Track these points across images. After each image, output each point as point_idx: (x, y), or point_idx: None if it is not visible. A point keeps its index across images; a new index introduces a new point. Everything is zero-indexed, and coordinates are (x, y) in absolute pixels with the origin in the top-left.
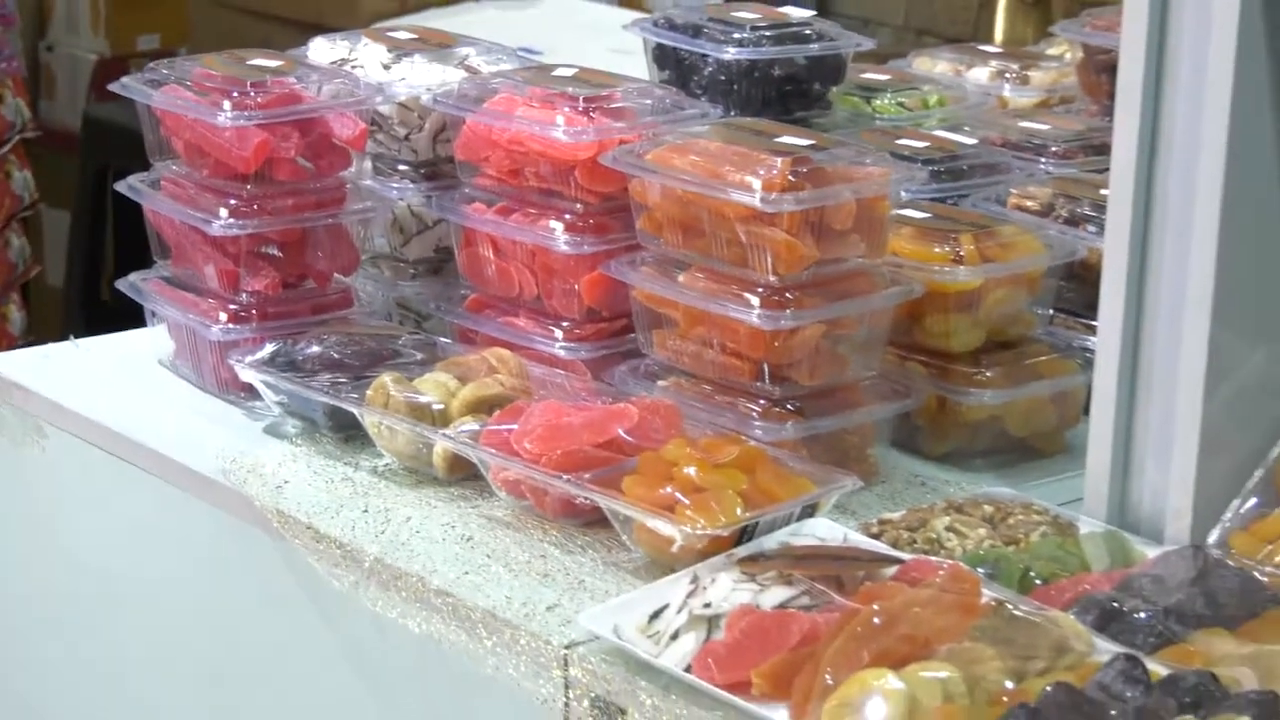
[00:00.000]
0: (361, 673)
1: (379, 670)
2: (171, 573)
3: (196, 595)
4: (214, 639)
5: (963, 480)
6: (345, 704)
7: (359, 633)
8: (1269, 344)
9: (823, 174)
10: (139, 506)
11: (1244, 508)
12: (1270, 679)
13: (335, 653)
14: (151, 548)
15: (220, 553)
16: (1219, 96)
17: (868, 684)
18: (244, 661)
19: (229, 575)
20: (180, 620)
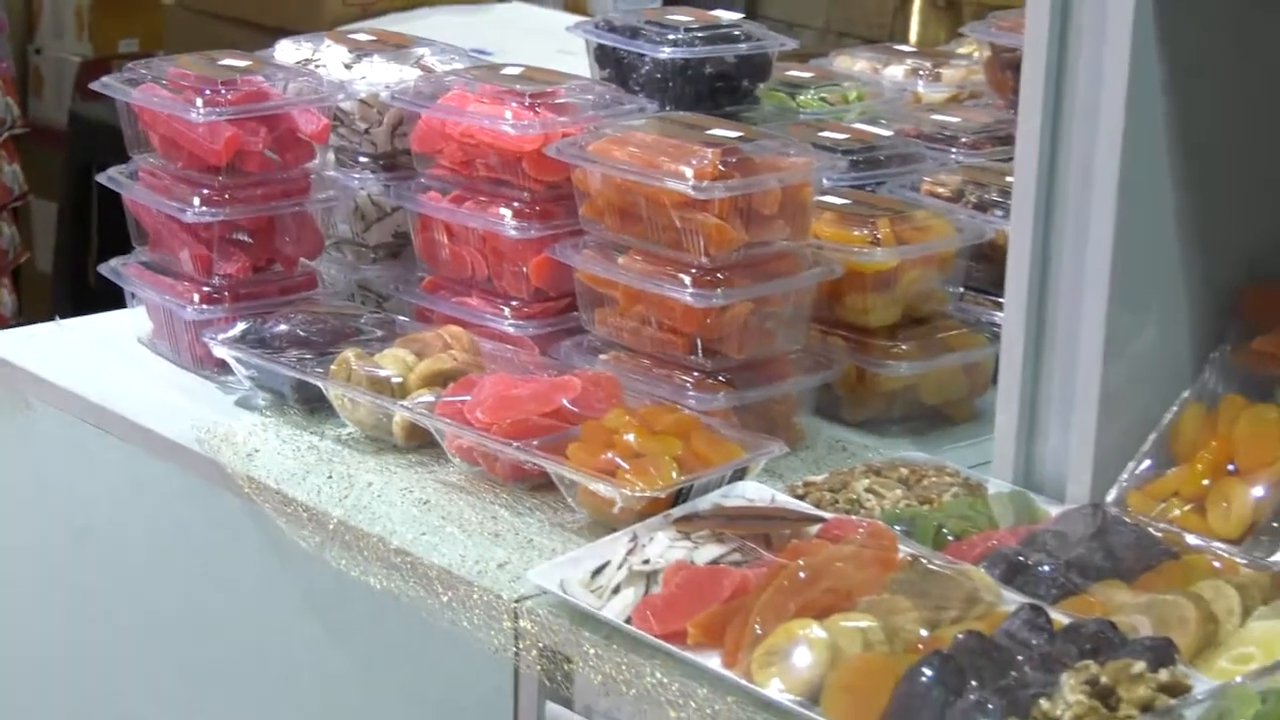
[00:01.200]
0: (327, 626)
1: (343, 624)
2: (149, 533)
3: (172, 554)
4: (188, 595)
5: (881, 445)
6: (312, 655)
7: (324, 589)
8: (1161, 319)
9: (750, 164)
10: (119, 473)
11: (1139, 469)
12: (1164, 626)
13: (302, 608)
14: (130, 511)
15: (195, 516)
16: (1115, 92)
17: (794, 633)
18: (216, 616)
19: (203, 537)
20: (157, 577)
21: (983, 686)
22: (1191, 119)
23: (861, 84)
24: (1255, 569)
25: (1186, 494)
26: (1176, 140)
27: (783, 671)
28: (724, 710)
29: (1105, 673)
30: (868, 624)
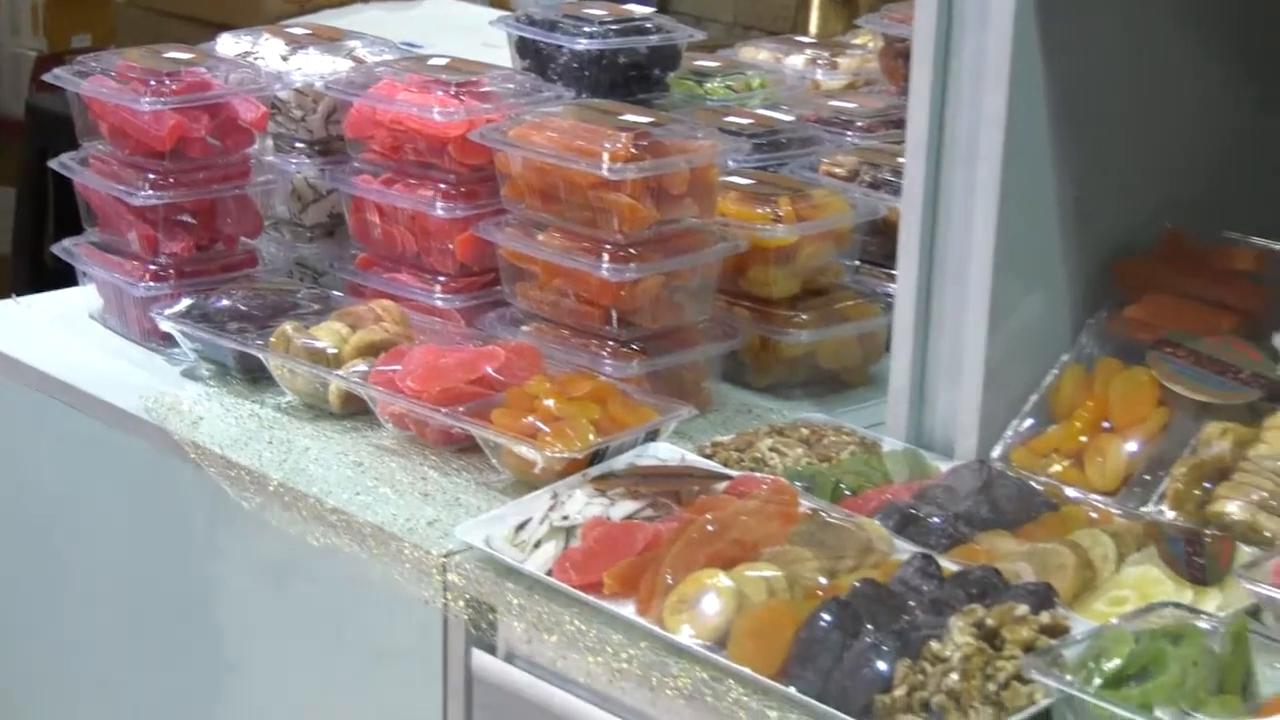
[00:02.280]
0: (268, 581)
1: (284, 579)
2: (101, 497)
3: (122, 516)
4: (137, 554)
5: (783, 408)
6: (254, 609)
7: (265, 547)
8: (1042, 289)
9: (661, 146)
10: (73, 440)
11: (1022, 427)
12: (1045, 572)
13: (245, 565)
14: (83, 476)
15: (144, 480)
16: (998, 77)
17: (703, 582)
18: (163, 574)
19: (151, 499)
20: (108, 538)
21: (878, 630)
22: (1071, 103)
23: (764, 73)
24: (1129, 518)
25: (1065, 450)
26: (1056, 122)
27: (692, 618)
28: (638, 655)
29: (991, 616)
30: (771, 573)
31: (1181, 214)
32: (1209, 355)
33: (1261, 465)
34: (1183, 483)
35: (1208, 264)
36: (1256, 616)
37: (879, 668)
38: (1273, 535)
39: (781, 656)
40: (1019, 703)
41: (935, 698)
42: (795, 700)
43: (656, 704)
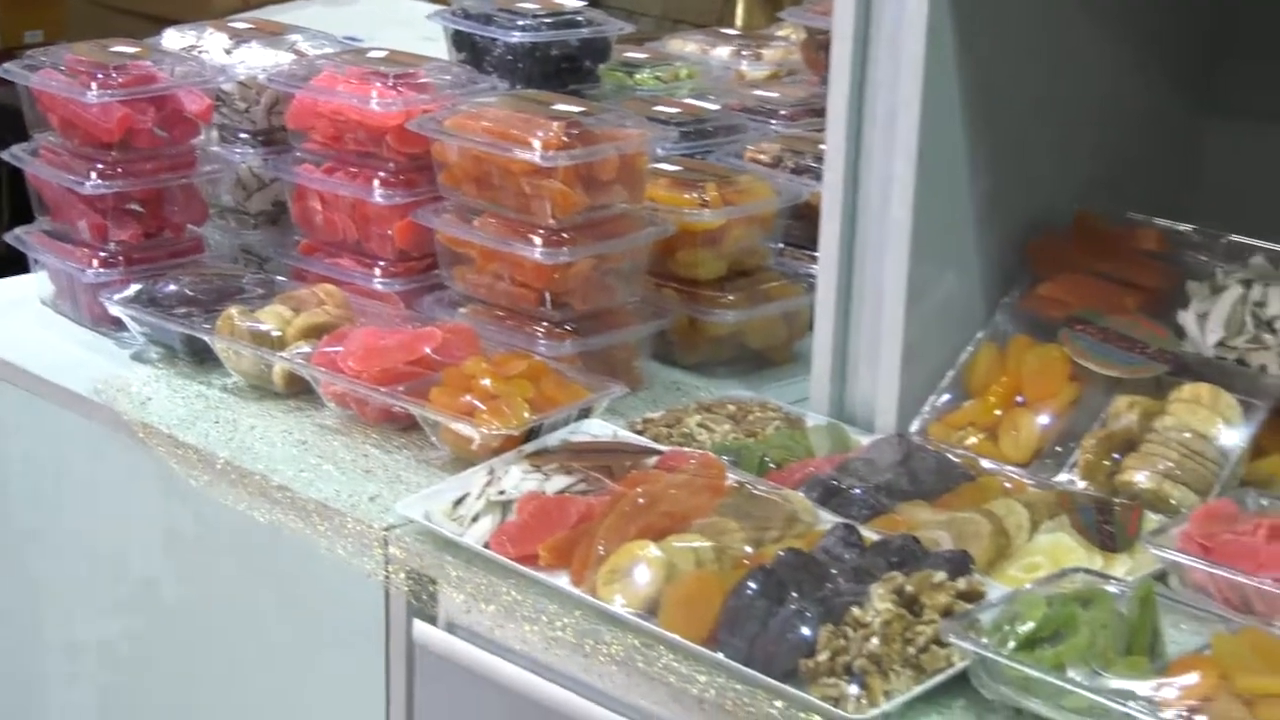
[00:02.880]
0: (216, 557)
1: (231, 554)
2: (53, 477)
3: (74, 496)
4: (88, 530)
5: (710, 385)
6: (203, 583)
7: (213, 523)
8: (957, 270)
9: (591, 135)
10: (26, 422)
11: (939, 402)
12: (962, 540)
13: (194, 540)
14: (36, 457)
15: (95, 459)
16: (913, 68)
17: (634, 553)
18: (114, 548)
19: (102, 478)
20: (61, 514)
21: (802, 597)
22: (985, 91)
23: (691, 64)
24: (1041, 488)
25: (981, 423)
26: (970, 110)
27: (624, 588)
28: (572, 623)
29: (910, 583)
30: (699, 544)
31: (1091, 197)
32: (1117, 332)
33: (1167, 437)
34: (1093, 454)
35: (1115, 245)
36: (1163, 581)
37: (803, 633)
38: (1178, 503)
39: (710, 624)
40: (937, 665)
41: (857, 661)
42: (723, 665)
43: (590, 670)
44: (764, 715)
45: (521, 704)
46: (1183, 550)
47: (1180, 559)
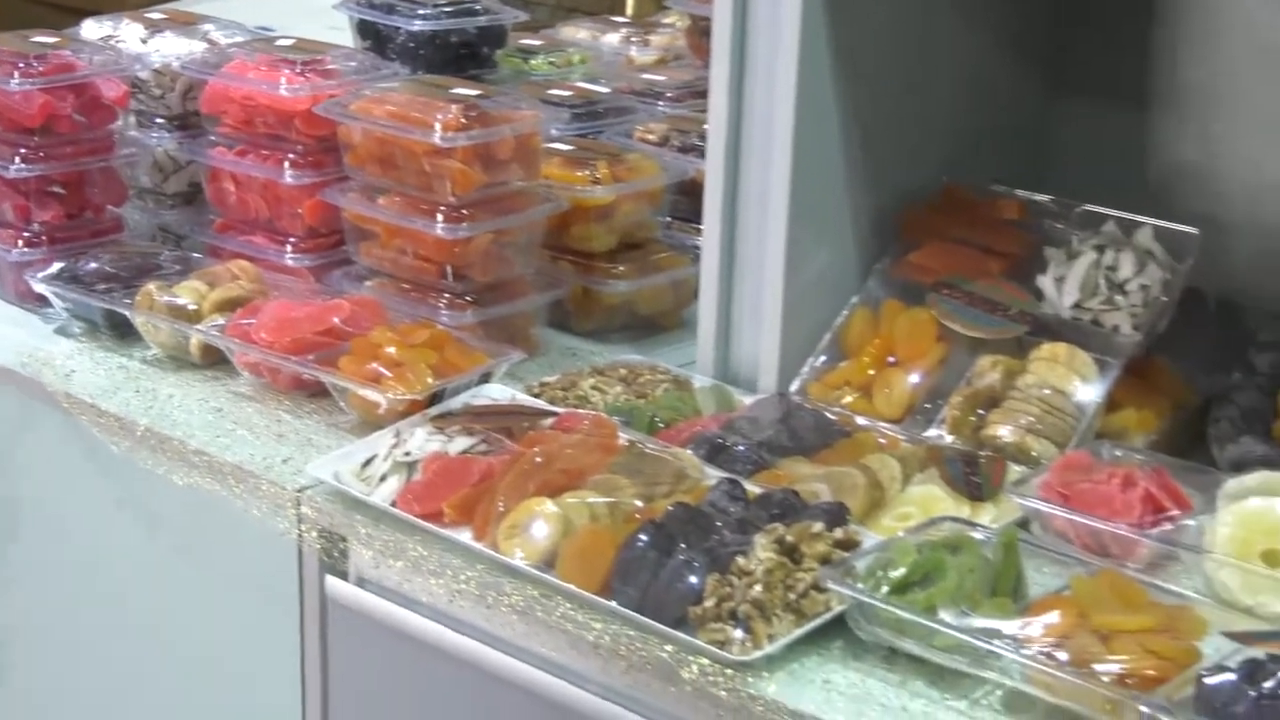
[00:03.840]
0: (138, 520)
1: (152, 517)
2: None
3: (3, 464)
4: (15, 497)
5: (604, 350)
6: (126, 546)
7: (135, 487)
8: (832, 239)
9: (488, 117)
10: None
11: (817, 363)
12: (839, 493)
13: (117, 504)
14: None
15: (22, 429)
16: (788, 52)
17: (532, 509)
18: (41, 514)
19: (29, 446)
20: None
21: (690, 548)
22: (856, 72)
23: (584, 50)
24: (913, 443)
25: (856, 383)
26: (842, 90)
27: (523, 542)
28: (475, 577)
29: (790, 533)
30: (594, 499)
31: (956, 170)
32: (981, 296)
33: (1028, 393)
34: (959, 410)
35: (979, 214)
36: (1025, 527)
37: (691, 582)
38: (1039, 455)
39: (604, 574)
40: (816, 609)
41: (742, 607)
42: (617, 613)
43: (492, 620)
44: (655, 659)
45: (428, 653)
46: (1043, 499)
47: (1041, 507)
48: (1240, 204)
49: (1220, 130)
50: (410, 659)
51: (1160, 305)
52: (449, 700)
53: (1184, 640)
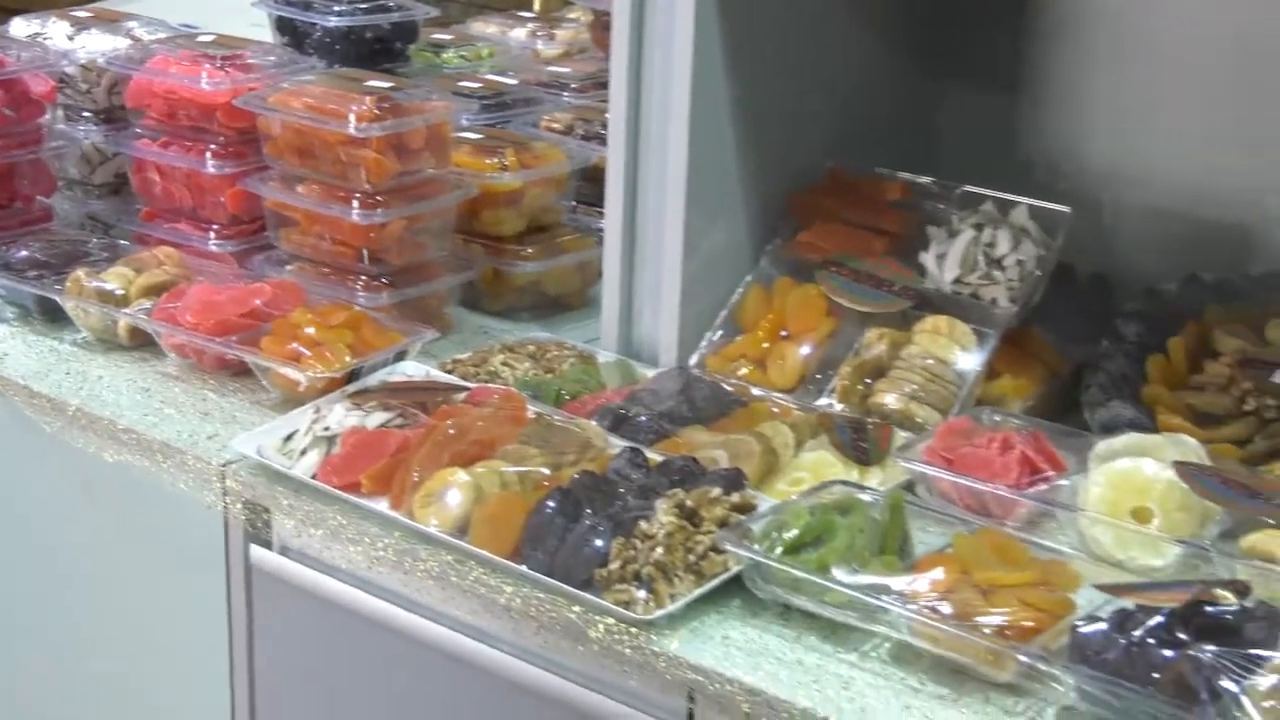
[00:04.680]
0: (70, 494)
1: (84, 492)
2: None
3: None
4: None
5: (513, 329)
6: (59, 516)
7: (67, 464)
8: (727, 221)
9: (401, 108)
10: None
11: (714, 338)
12: (736, 459)
13: (49, 480)
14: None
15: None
16: (683, 45)
17: (446, 479)
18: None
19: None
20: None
21: (595, 514)
22: (747, 64)
23: (492, 44)
24: (805, 411)
25: (751, 356)
26: (735, 80)
27: (438, 510)
28: (392, 543)
29: (690, 498)
30: (504, 468)
31: (843, 154)
32: (867, 272)
33: (913, 363)
34: (848, 380)
35: (865, 196)
36: (911, 490)
37: (597, 545)
38: (923, 421)
39: (514, 539)
40: (715, 570)
41: (645, 569)
42: (527, 576)
43: (409, 584)
44: (564, 620)
45: (348, 617)
46: (927, 462)
47: (925, 470)
48: (1107, 185)
49: (1087, 115)
50: (331, 622)
51: (1035, 279)
52: (368, 661)
53: (1059, 593)
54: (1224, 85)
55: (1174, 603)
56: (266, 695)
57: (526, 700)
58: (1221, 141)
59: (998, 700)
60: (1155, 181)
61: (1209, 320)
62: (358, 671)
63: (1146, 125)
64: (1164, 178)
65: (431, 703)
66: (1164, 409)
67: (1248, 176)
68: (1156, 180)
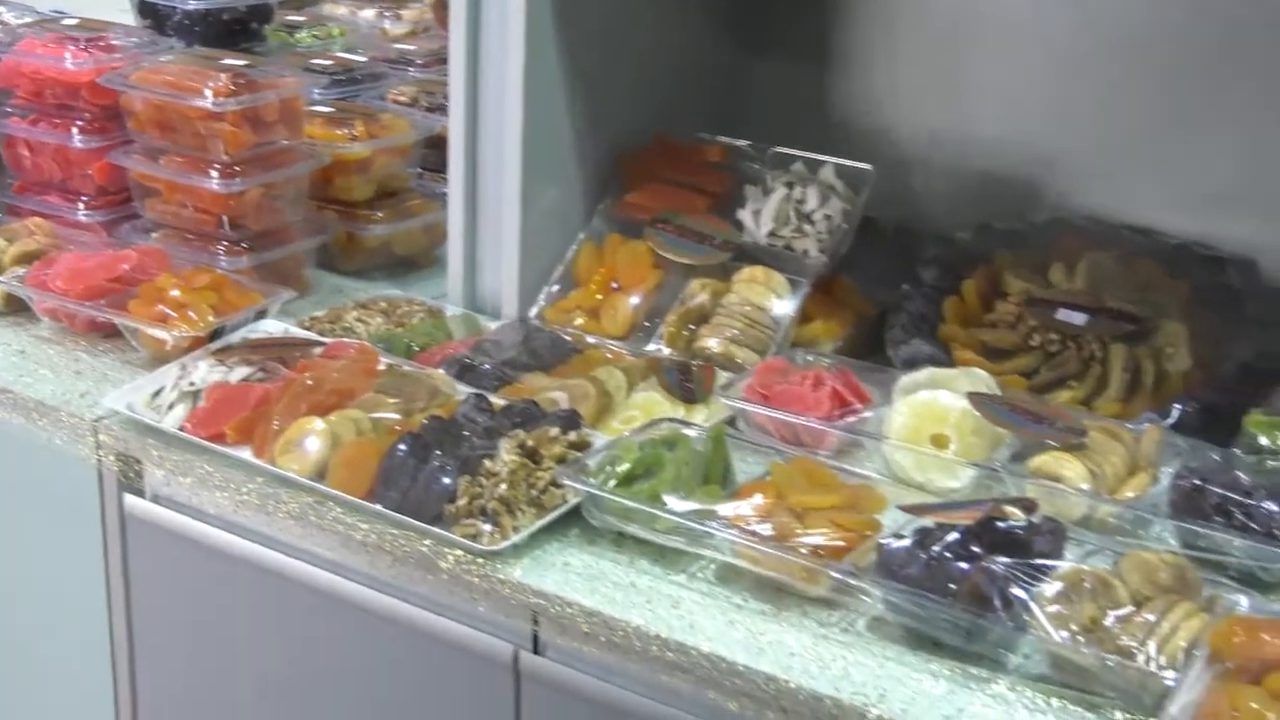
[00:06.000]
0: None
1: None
2: None
3: None
4: None
5: (367, 287)
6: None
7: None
8: (562, 182)
9: (255, 84)
10: None
11: (551, 291)
12: (574, 402)
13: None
14: None
15: None
16: (517, 21)
17: (304, 427)
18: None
19: None
20: None
21: (444, 455)
22: (576, 36)
23: (343, 24)
24: (635, 356)
25: (585, 307)
26: (565, 52)
27: (298, 456)
28: (255, 489)
29: (531, 438)
30: (358, 416)
31: (667, 120)
32: (690, 228)
33: (732, 310)
34: (674, 327)
35: (687, 158)
36: (733, 424)
37: (445, 483)
38: (743, 362)
39: (369, 481)
40: (554, 503)
41: (490, 504)
42: (381, 514)
43: (272, 525)
44: (416, 553)
45: (217, 557)
46: (747, 399)
47: (745, 406)
48: (908, 144)
49: (888, 81)
50: (202, 563)
51: (842, 232)
52: (237, 597)
53: (867, 514)
54: (1013, 50)
55: (969, 520)
56: (144, 635)
57: (383, 627)
58: (1011, 102)
59: (814, 614)
60: (951, 140)
61: (999, 265)
62: (227, 608)
63: (943, 89)
64: (959, 136)
65: (296, 633)
66: (959, 345)
67: (1033, 135)
68: (952, 139)
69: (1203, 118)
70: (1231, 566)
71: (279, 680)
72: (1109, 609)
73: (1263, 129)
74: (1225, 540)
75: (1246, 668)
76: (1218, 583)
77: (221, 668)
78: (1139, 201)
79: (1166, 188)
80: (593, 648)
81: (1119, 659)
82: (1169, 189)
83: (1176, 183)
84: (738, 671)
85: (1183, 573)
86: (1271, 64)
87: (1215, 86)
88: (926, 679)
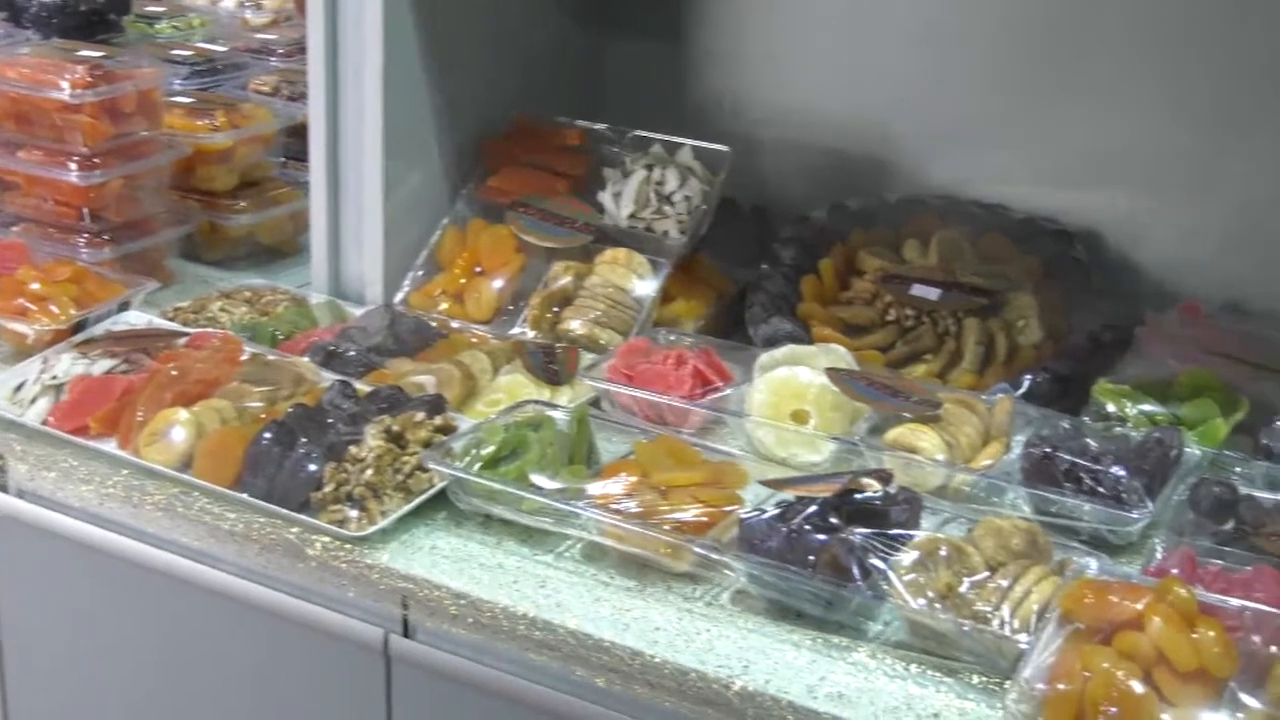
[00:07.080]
0: None
1: None
2: None
3: None
4: None
5: (232, 277)
6: None
7: None
8: (423, 167)
9: (113, 75)
10: None
11: (415, 276)
12: (439, 386)
13: None
14: None
15: None
16: (374, 11)
17: (169, 418)
18: None
19: None
20: None
21: (310, 442)
22: (435, 26)
23: (203, 14)
24: (500, 339)
25: (449, 292)
26: (424, 40)
27: (163, 447)
28: (121, 481)
29: (397, 423)
30: (223, 405)
31: (526, 105)
32: (552, 211)
33: (595, 291)
34: (538, 309)
35: (547, 141)
36: (598, 405)
37: (311, 470)
38: (607, 343)
39: (235, 470)
40: (421, 487)
41: (356, 490)
42: (248, 503)
43: (139, 517)
44: (284, 540)
45: (84, 551)
46: (610, 380)
47: (609, 386)
48: (763, 125)
49: (743, 64)
50: (68, 557)
51: (701, 213)
52: (105, 590)
53: (729, 490)
54: (864, 28)
55: (828, 493)
56: (11, 633)
57: (253, 616)
58: (862, 84)
59: (679, 589)
60: (805, 121)
61: (854, 243)
62: (95, 601)
63: (796, 71)
64: (812, 118)
65: (167, 625)
66: (817, 322)
67: (884, 114)
68: (806, 120)
69: (1052, 95)
70: (1082, 530)
71: (151, 673)
72: (964, 575)
73: (1110, 105)
74: (1075, 505)
75: (1097, 628)
76: (1069, 547)
77: (92, 663)
78: (989, 178)
79: (1016, 164)
80: (462, 629)
81: (974, 624)
82: (1019, 165)
83: (1026, 159)
84: (604, 648)
85: (1034, 538)
86: (1119, 39)
87: (1064, 64)
88: (789, 649)
